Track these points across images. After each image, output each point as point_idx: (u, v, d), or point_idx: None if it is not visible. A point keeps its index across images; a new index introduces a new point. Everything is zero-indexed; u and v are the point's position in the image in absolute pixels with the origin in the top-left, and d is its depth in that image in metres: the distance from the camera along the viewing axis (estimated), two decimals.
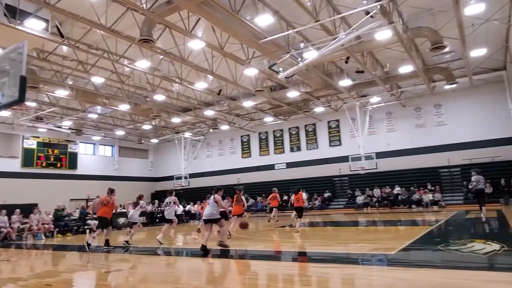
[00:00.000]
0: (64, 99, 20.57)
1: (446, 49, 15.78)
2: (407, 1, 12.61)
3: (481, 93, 22.46)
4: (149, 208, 16.29)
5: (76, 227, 16.22)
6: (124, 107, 21.97)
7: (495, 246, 6.39)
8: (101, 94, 19.92)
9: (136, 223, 11.23)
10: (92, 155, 32.41)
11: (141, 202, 11.54)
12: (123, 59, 15.85)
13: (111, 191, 10.34)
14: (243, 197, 12.30)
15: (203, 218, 8.72)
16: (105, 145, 33.33)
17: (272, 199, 16.72)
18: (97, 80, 17.98)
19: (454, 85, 20.09)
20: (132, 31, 13.31)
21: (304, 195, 14.81)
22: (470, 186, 16.03)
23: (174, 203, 11.57)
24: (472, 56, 17.30)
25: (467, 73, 19.27)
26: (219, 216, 8.41)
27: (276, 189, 17.56)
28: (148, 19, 12.05)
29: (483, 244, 6.77)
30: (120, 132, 30.48)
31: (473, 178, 14.42)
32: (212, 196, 8.48)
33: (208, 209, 8.45)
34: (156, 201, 30.78)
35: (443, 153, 23.17)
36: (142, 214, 19.99)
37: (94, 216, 17.00)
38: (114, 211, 11.03)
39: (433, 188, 22.36)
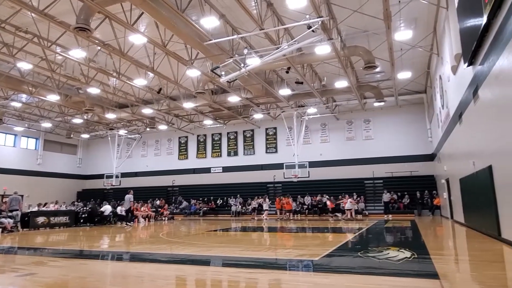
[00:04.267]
0: None
1: (377, 69, 17.09)
2: (345, 20, 13.43)
3: (404, 113, 24.56)
4: None
5: None
6: (53, 97, 20.50)
7: (407, 254, 7.00)
8: (27, 81, 18.37)
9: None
10: (12, 147, 29.68)
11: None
12: (55, 46, 14.80)
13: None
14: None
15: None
16: (28, 137, 30.70)
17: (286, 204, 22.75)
18: (24, 66, 16.59)
19: (382, 103, 21.75)
20: (68, 17, 12.53)
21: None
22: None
23: None
24: (399, 78, 18.89)
25: (394, 93, 20.99)
26: None
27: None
28: (86, 7, 11.42)
29: (397, 251, 7.38)
30: (46, 124, 28.29)
31: (384, 195, 22.87)
32: None
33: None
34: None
35: (368, 166, 24.91)
36: (65, 213, 18.68)
37: (9, 214, 15.53)
38: None
39: (358, 198, 23.79)
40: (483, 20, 7.36)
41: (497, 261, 6.51)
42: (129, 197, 19.13)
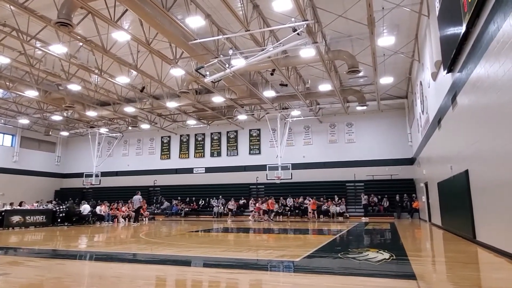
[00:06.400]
0: None
1: (361, 74, 17.34)
2: (330, 24, 13.58)
3: (386, 117, 24.99)
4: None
5: None
6: (32, 93, 19.99)
7: (386, 255, 7.12)
8: (4, 76, 17.85)
9: None
10: None
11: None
12: (35, 41, 14.44)
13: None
14: None
15: None
16: (4, 133, 29.83)
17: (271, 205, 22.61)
18: (1, 59, 16.12)
19: (365, 107, 22.06)
20: (49, 11, 12.26)
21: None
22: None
23: None
24: (381, 83, 19.20)
25: (376, 98, 21.31)
26: None
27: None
28: (68, 1, 11.18)
29: (376, 253, 7.49)
30: (24, 121, 27.54)
31: (363, 198, 23.70)
32: None
33: None
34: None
35: (350, 168, 25.22)
36: (42, 212, 18.22)
37: None
38: None
39: (339, 201, 24.05)
40: (462, 28, 7.57)
41: (471, 263, 6.69)
42: (138, 197, 20.02)
